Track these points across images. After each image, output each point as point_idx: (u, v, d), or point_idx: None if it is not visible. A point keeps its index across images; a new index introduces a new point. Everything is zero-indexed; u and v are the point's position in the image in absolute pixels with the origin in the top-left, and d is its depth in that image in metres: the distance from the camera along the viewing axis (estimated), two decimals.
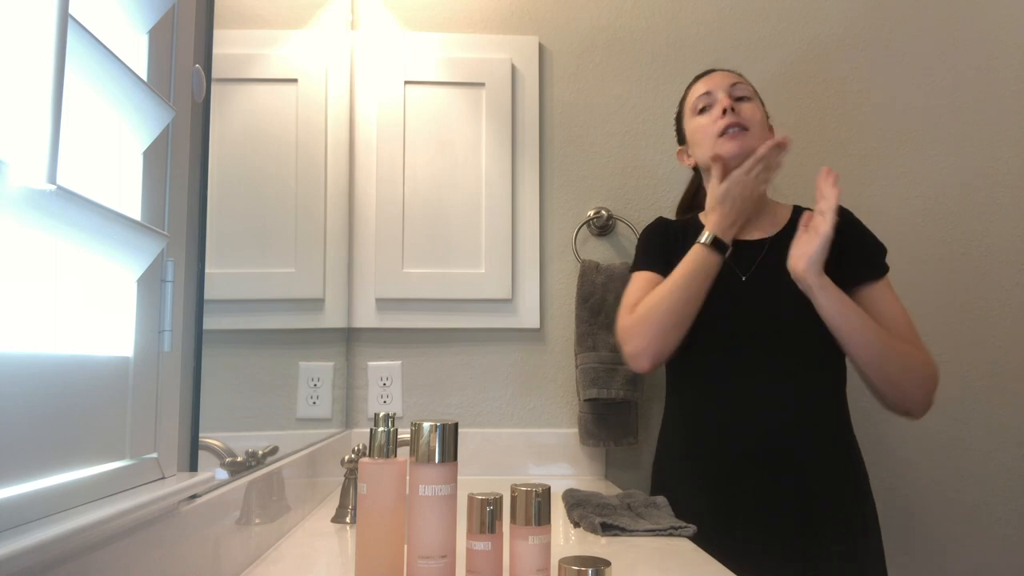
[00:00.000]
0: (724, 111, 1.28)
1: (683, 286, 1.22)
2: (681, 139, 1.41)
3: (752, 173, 1.24)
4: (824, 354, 1.21)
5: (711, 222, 1.25)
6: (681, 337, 1.23)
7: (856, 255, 1.24)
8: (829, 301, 1.16)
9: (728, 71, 1.36)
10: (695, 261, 1.23)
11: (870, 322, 1.17)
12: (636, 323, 1.25)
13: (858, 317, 1.16)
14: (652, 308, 1.23)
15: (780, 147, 1.25)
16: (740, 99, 1.30)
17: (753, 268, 1.26)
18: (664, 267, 1.30)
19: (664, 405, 1.39)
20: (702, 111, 1.32)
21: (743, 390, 1.22)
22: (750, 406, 1.21)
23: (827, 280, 1.16)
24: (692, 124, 1.35)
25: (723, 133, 1.27)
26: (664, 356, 1.24)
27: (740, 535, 1.16)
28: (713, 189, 1.28)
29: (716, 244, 1.23)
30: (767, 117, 1.34)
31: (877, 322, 1.18)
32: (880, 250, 1.27)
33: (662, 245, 1.35)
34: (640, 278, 1.33)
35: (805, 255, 1.16)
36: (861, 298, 1.22)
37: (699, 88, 1.35)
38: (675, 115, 1.43)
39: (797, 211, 1.32)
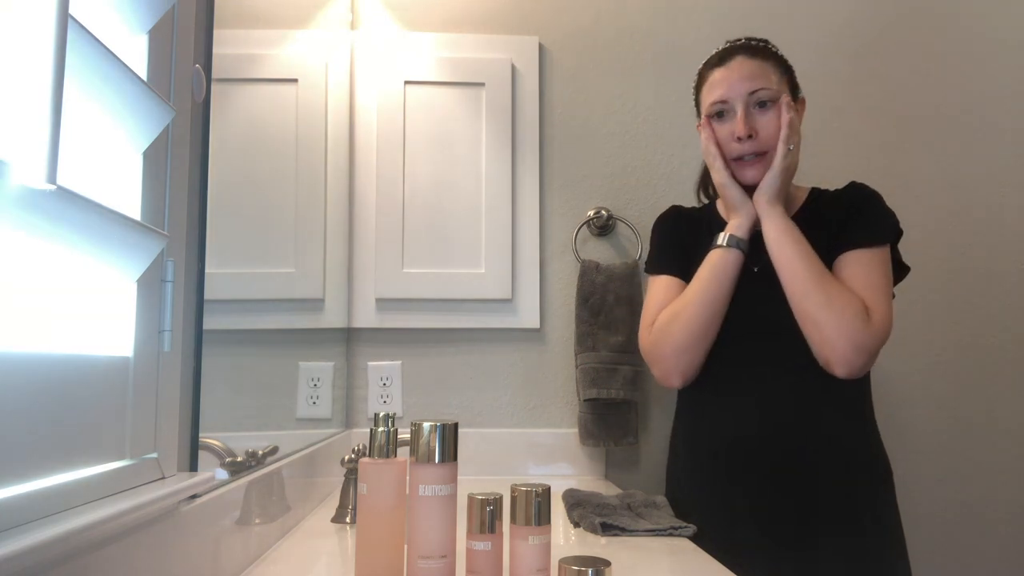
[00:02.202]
0: (739, 138, 1.19)
1: (703, 294, 1.18)
2: (699, 111, 1.30)
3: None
4: None
5: (730, 224, 1.22)
6: (708, 347, 1.20)
7: (855, 226, 1.19)
8: (771, 227, 1.17)
9: (751, 57, 1.22)
10: (717, 262, 1.19)
11: (808, 255, 1.14)
12: (656, 343, 1.22)
13: (796, 246, 1.15)
14: (671, 323, 1.20)
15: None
16: (761, 104, 1.20)
17: (765, 259, 1.21)
18: (681, 267, 1.26)
19: (676, 401, 1.35)
20: (718, 115, 1.23)
21: (758, 386, 1.19)
22: (767, 402, 1.18)
23: (779, 210, 1.18)
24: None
25: (739, 158, 1.21)
26: (694, 371, 1.21)
27: (748, 535, 1.15)
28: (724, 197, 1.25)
29: (735, 243, 1.19)
30: (797, 89, 1.26)
31: (844, 283, 1.14)
32: (885, 224, 1.20)
33: (677, 240, 1.31)
34: (658, 285, 1.29)
35: (759, 188, 1.19)
36: (844, 260, 1.17)
37: (716, 87, 1.23)
38: (693, 85, 1.32)
39: (813, 194, 1.29)
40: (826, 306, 1.11)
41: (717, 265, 1.19)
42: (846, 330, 1.10)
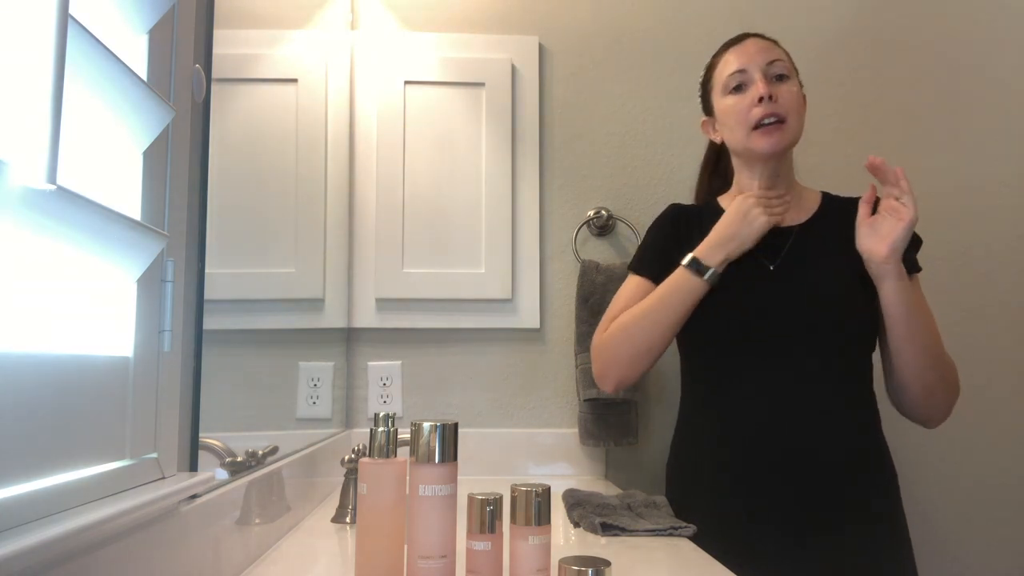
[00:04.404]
0: (760, 98, 1.18)
1: (657, 310, 1.20)
2: (707, 109, 1.32)
3: (772, 210, 1.20)
4: (855, 346, 1.18)
5: (704, 243, 1.20)
6: (651, 363, 1.23)
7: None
8: (902, 293, 1.13)
9: (763, 38, 1.25)
10: (674, 283, 1.20)
11: (932, 324, 1.16)
12: (604, 346, 1.25)
13: (923, 316, 1.15)
14: (622, 332, 1.22)
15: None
16: (778, 77, 1.21)
17: (781, 257, 1.21)
18: (660, 271, 1.25)
19: (681, 400, 1.34)
20: (735, 89, 1.23)
21: (773, 384, 1.18)
22: (781, 402, 1.17)
23: (903, 270, 1.14)
24: (723, 103, 1.25)
25: (758, 125, 1.19)
26: (628, 383, 1.25)
27: (762, 534, 1.14)
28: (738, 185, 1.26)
29: (696, 267, 1.18)
30: (801, 87, 1.26)
31: None
32: (916, 246, 1.22)
33: (665, 243, 1.29)
34: (630, 284, 1.29)
35: (889, 239, 1.12)
36: None
37: (732, 62, 1.24)
38: (701, 80, 1.33)
39: (826, 198, 1.29)
40: (943, 380, 1.18)
41: (681, 287, 1.19)
42: (952, 402, 1.21)
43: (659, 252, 1.28)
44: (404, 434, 0.88)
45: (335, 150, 1.45)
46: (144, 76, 0.61)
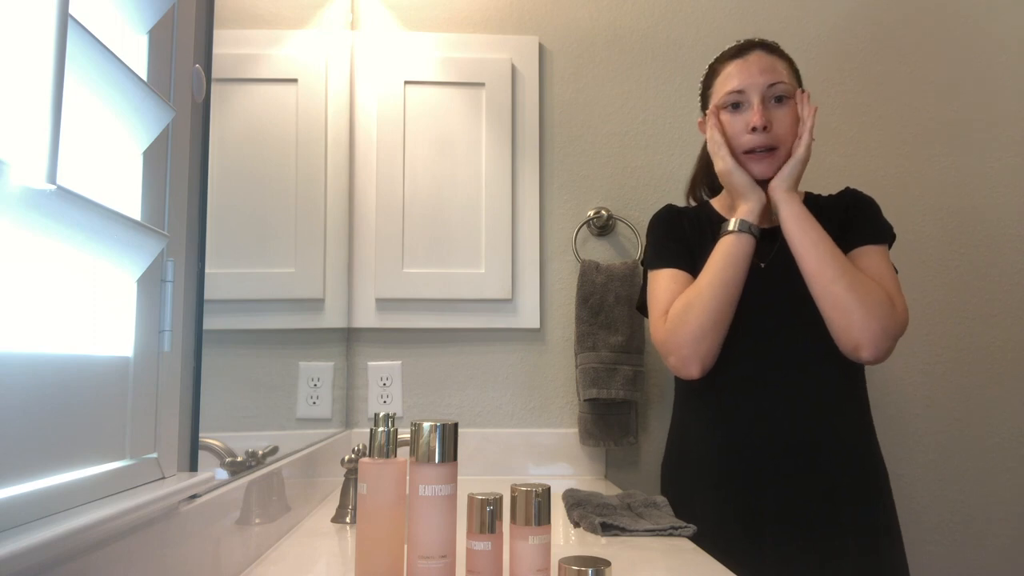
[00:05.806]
0: (754, 128, 1.19)
1: (720, 276, 1.16)
2: (705, 110, 1.32)
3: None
4: None
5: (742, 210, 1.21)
6: (724, 334, 1.17)
7: (860, 224, 1.22)
8: (791, 213, 1.17)
9: (768, 52, 1.24)
10: (719, 252, 1.18)
11: (830, 242, 1.15)
12: (674, 331, 1.18)
13: (817, 232, 1.16)
14: (687, 310, 1.17)
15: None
16: (777, 99, 1.21)
17: (771, 255, 1.22)
18: (685, 261, 1.25)
19: (675, 401, 1.35)
20: (733, 106, 1.23)
21: (765, 382, 1.18)
22: (773, 399, 1.17)
23: (796, 198, 1.19)
24: (720, 117, 1.26)
25: (751, 150, 1.21)
26: (712, 358, 1.18)
27: (762, 532, 1.14)
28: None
29: (727, 229, 1.19)
30: (803, 91, 1.25)
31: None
32: (885, 226, 1.23)
33: (678, 236, 1.29)
34: (663, 277, 1.26)
35: (778, 175, 1.20)
36: (857, 254, 1.20)
37: (733, 76, 1.23)
38: (702, 80, 1.32)
39: (810, 197, 1.29)
40: (854, 290, 1.12)
41: (730, 250, 1.18)
42: (876, 314, 1.11)
43: (680, 243, 1.28)
44: (404, 434, 0.88)
45: (335, 150, 1.45)
46: (144, 76, 0.61)
